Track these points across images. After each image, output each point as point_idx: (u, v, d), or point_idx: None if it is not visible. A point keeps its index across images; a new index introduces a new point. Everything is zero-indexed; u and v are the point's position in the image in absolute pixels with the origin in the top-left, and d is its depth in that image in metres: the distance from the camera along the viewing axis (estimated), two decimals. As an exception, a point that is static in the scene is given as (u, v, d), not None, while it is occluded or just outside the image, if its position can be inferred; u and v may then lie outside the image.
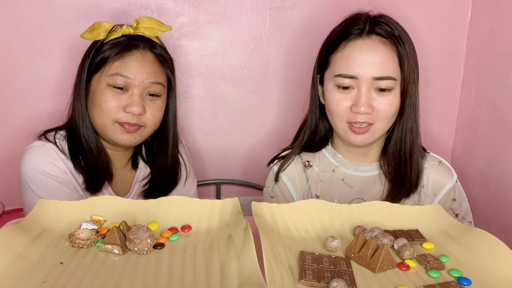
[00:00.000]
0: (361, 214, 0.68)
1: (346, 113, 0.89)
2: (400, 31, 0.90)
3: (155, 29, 0.96)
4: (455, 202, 0.96)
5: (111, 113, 0.91)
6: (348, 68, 0.87)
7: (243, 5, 1.30)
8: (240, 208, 0.64)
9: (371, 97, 0.87)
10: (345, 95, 0.89)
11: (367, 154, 0.98)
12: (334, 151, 1.00)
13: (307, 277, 0.51)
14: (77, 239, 0.57)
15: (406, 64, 0.88)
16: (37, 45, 1.23)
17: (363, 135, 0.89)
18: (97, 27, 0.93)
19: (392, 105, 0.88)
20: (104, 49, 0.92)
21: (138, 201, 0.66)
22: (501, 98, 1.22)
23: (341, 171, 0.98)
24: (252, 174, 1.43)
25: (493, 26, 1.27)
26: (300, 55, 1.35)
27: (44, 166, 0.92)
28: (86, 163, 0.95)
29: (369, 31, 0.89)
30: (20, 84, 1.25)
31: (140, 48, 0.93)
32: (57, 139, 0.96)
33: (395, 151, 0.94)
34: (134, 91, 0.91)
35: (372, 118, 0.88)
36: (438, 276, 0.54)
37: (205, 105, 1.36)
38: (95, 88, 0.92)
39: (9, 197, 1.31)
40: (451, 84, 1.43)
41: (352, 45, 0.89)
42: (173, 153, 1.05)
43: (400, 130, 0.92)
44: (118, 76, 0.90)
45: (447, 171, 0.97)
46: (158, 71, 0.95)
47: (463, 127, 1.42)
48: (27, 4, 1.21)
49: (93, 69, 0.93)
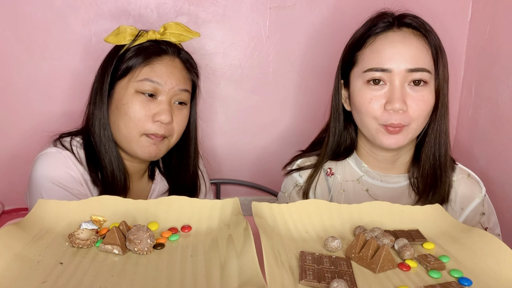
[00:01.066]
0: (361, 214, 0.68)
1: (379, 112, 0.82)
2: (430, 26, 0.86)
3: (183, 35, 0.93)
4: (483, 216, 0.91)
5: (139, 123, 0.87)
6: (379, 61, 0.82)
7: (243, 5, 1.30)
8: (240, 208, 0.64)
9: (405, 92, 0.81)
10: (376, 92, 0.82)
11: (395, 163, 0.91)
12: (360, 160, 0.94)
13: (307, 278, 0.51)
14: (77, 239, 0.57)
15: (440, 57, 0.84)
16: (37, 45, 1.23)
17: (397, 135, 0.83)
18: (123, 31, 0.90)
19: (427, 102, 0.83)
20: (130, 55, 0.88)
21: (138, 201, 0.66)
22: (501, 98, 1.22)
23: (366, 181, 0.92)
24: (252, 174, 1.43)
25: (493, 26, 1.27)
26: (300, 55, 1.35)
27: (60, 176, 0.87)
28: (103, 175, 0.90)
29: (398, 23, 0.85)
30: (20, 84, 1.25)
31: (169, 54, 0.91)
32: (74, 146, 0.91)
33: (430, 155, 0.87)
34: (162, 98, 0.88)
35: (406, 120, 0.82)
36: (439, 276, 0.54)
37: (205, 104, 1.36)
38: (121, 95, 0.88)
39: (9, 197, 1.31)
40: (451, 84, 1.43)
41: (382, 37, 0.84)
42: (194, 165, 1.01)
43: (434, 131, 0.87)
44: (148, 81, 0.87)
45: (476, 185, 0.92)
46: (186, 78, 0.93)
47: (463, 127, 1.42)
48: (27, 4, 1.20)
49: (118, 75, 0.89)
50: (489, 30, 1.29)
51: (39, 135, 1.30)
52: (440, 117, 0.87)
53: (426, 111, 0.84)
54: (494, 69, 1.25)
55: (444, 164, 0.88)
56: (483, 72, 1.31)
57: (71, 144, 0.91)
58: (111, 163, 0.90)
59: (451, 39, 1.39)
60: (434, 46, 0.85)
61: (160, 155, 0.92)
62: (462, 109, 1.43)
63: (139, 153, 0.89)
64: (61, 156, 0.89)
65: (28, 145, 1.29)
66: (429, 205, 0.70)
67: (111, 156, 0.90)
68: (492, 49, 1.27)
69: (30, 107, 1.27)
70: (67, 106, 1.28)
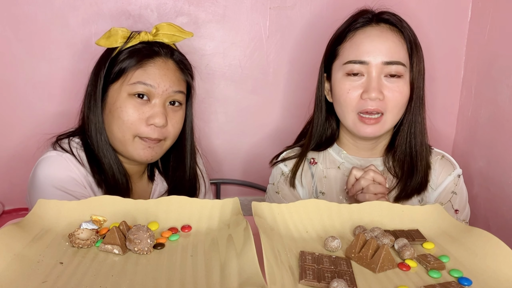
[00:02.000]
0: (361, 214, 0.68)
1: (355, 101, 0.88)
2: (407, 23, 0.91)
3: (175, 35, 0.92)
4: (454, 195, 0.95)
5: (132, 127, 0.86)
6: (357, 54, 0.87)
7: (243, 5, 1.30)
8: (240, 208, 0.64)
9: (381, 83, 0.87)
10: (354, 82, 0.88)
11: (374, 149, 0.97)
12: (339, 148, 0.99)
13: (307, 277, 0.51)
14: (77, 239, 0.57)
15: (415, 52, 0.89)
16: (37, 45, 1.23)
17: (373, 126, 0.88)
18: (114, 33, 0.88)
19: (402, 93, 0.88)
20: (123, 57, 0.87)
21: (138, 201, 0.66)
22: (501, 98, 1.22)
23: (346, 168, 0.97)
24: (252, 174, 1.43)
25: (493, 26, 1.27)
26: (300, 55, 1.35)
27: (62, 180, 0.86)
28: (106, 178, 0.90)
29: (377, 19, 0.90)
30: (20, 84, 1.25)
31: (162, 55, 0.89)
32: (73, 147, 0.90)
33: (403, 143, 0.93)
34: (156, 101, 0.87)
35: (383, 106, 0.87)
36: (439, 276, 0.54)
37: (205, 104, 1.36)
38: (114, 99, 0.87)
39: (9, 197, 1.31)
40: (451, 84, 1.43)
41: (361, 32, 0.89)
42: (191, 166, 1.00)
43: (408, 121, 0.92)
44: (141, 84, 0.86)
45: (449, 164, 0.97)
46: (180, 79, 0.92)
47: (463, 127, 1.42)
48: (27, 4, 1.21)
49: (111, 78, 0.88)
50: (489, 30, 1.29)
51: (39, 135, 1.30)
52: (414, 108, 0.91)
53: (401, 101, 0.88)
54: (494, 69, 1.25)
55: (420, 153, 0.93)
56: (483, 72, 1.31)
57: (70, 145, 0.90)
58: (111, 167, 0.90)
59: (451, 39, 1.40)
60: (409, 41, 0.90)
61: (156, 157, 0.91)
62: (462, 109, 1.43)
63: (135, 156, 0.89)
64: (62, 159, 0.88)
65: (28, 145, 1.29)
66: (429, 205, 0.70)
67: (110, 160, 0.90)
68: (492, 49, 1.27)
69: (30, 107, 1.27)
70: (67, 106, 1.28)
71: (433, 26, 1.38)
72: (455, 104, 1.45)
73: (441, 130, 1.46)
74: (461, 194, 0.96)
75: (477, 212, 1.31)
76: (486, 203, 1.28)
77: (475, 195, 1.32)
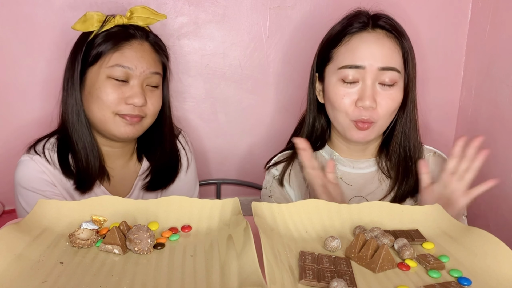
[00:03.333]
0: (361, 214, 0.68)
1: (350, 109, 0.88)
2: (402, 27, 0.91)
3: (149, 18, 0.95)
4: None
5: (112, 106, 0.89)
6: (353, 59, 0.87)
7: (243, 5, 1.30)
8: (240, 208, 0.64)
9: (375, 91, 0.87)
10: (349, 89, 0.88)
11: (365, 150, 0.98)
12: (331, 150, 1.00)
13: (307, 277, 0.51)
14: (77, 239, 0.57)
15: (410, 58, 0.90)
16: (37, 45, 1.23)
17: (365, 131, 0.89)
18: (90, 17, 0.91)
19: (395, 100, 0.89)
20: (99, 41, 0.89)
21: (138, 201, 0.66)
22: (501, 98, 1.22)
23: (339, 170, 0.98)
24: (252, 174, 1.43)
25: (493, 26, 1.27)
26: (300, 55, 1.35)
27: (32, 181, 0.91)
28: (77, 162, 0.92)
29: (373, 25, 0.90)
30: (19, 84, 1.25)
31: (137, 38, 0.92)
32: (46, 149, 0.94)
33: (398, 147, 0.94)
34: (134, 82, 0.90)
35: (374, 116, 0.88)
36: (438, 276, 0.54)
37: (205, 105, 1.36)
38: (93, 81, 0.90)
39: (9, 197, 1.31)
40: (451, 84, 1.44)
41: (357, 37, 0.89)
42: (171, 140, 1.04)
43: (402, 125, 0.93)
44: (119, 67, 0.88)
45: (441, 160, 0.98)
46: (156, 60, 0.94)
47: (463, 127, 1.42)
48: (27, 4, 1.21)
49: (89, 62, 0.90)
50: (489, 30, 1.29)
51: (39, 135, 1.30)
52: (408, 113, 0.93)
53: (393, 108, 0.90)
54: (494, 69, 1.25)
55: (413, 156, 0.94)
56: (483, 72, 1.31)
57: (44, 147, 0.94)
58: (85, 148, 0.92)
59: (451, 39, 1.40)
60: (404, 47, 0.90)
61: (137, 134, 0.94)
62: (462, 109, 1.43)
63: (116, 133, 0.91)
64: (32, 162, 0.92)
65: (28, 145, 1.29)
66: (429, 205, 0.70)
67: (85, 142, 0.92)
68: (492, 49, 1.27)
69: (30, 108, 1.27)
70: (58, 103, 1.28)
71: (433, 26, 1.38)
72: (455, 104, 1.45)
73: (441, 130, 1.47)
74: None
75: (477, 212, 1.31)
76: (486, 203, 1.28)
77: (475, 195, 1.32)
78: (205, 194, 1.44)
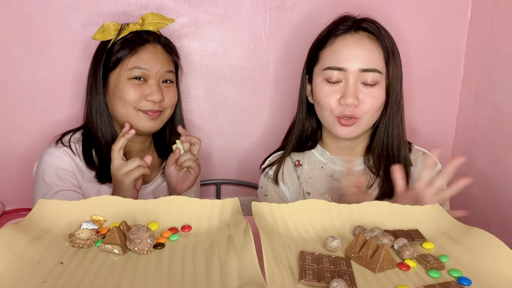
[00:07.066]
0: (361, 214, 0.68)
1: (334, 105, 0.92)
2: (385, 31, 0.94)
3: (159, 23, 1.05)
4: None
5: (133, 103, 0.98)
6: (336, 61, 0.92)
7: (243, 5, 1.30)
8: (240, 208, 0.64)
9: (358, 89, 0.91)
10: (333, 87, 0.92)
11: (354, 149, 1.01)
12: (322, 149, 1.04)
13: (307, 277, 0.51)
14: (77, 239, 0.57)
15: (391, 59, 0.92)
16: (37, 45, 1.24)
17: (349, 127, 0.92)
18: (107, 28, 1.00)
19: (377, 98, 0.92)
20: (117, 48, 1.00)
21: (138, 201, 0.66)
22: (501, 98, 1.22)
23: (330, 168, 1.02)
24: (252, 174, 1.43)
25: (493, 26, 1.27)
26: (300, 55, 1.34)
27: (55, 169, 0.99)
28: (100, 156, 1.02)
29: (356, 27, 0.94)
30: (19, 84, 1.25)
31: (151, 42, 1.02)
32: (72, 142, 1.03)
33: (381, 145, 0.97)
34: (152, 81, 1.00)
35: (358, 112, 0.91)
36: (438, 276, 0.54)
37: (205, 105, 1.36)
38: (115, 83, 1.00)
39: (9, 197, 1.31)
40: (451, 84, 1.44)
41: (340, 39, 0.93)
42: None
43: (385, 125, 0.96)
44: (137, 69, 0.98)
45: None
46: (168, 60, 1.05)
47: (463, 127, 1.42)
48: (27, 4, 1.21)
49: (110, 67, 1.00)
50: (488, 31, 1.29)
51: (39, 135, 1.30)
52: (391, 113, 0.95)
53: (376, 106, 0.92)
54: (494, 69, 1.26)
55: (397, 155, 0.97)
56: (483, 72, 1.31)
57: (70, 140, 1.03)
58: (108, 144, 1.01)
59: (451, 39, 1.40)
60: (386, 49, 0.93)
61: (158, 127, 1.04)
62: (462, 109, 1.43)
63: (140, 127, 1.00)
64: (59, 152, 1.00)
65: (28, 145, 1.29)
66: (428, 205, 0.70)
67: (107, 138, 1.02)
68: (492, 49, 1.27)
69: (30, 108, 1.27)
70: (67, 107, 1.28)
71: (433, 27, 1.38)
72: (455, 105, 1.45)
73: (441, 131, 1.47)
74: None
75: (477, 212, 1.31)
76: (486, 203, 1.28)
77: (475, 195, 1.32)
78: (205, 194, 1.44)
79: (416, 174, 0.98)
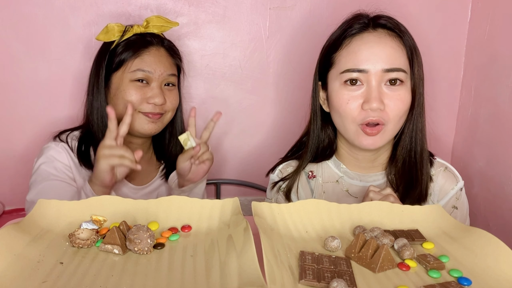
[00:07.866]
0: (361, 214, 0.68)
1: (356, 112, 0.83)
2: (404, 27, 0.87)
3: (164, 26, 1.05)
4: (456, 210, 0.91)
5: (135, 105, 0.98)
6: (355, 62, 0.83)
7: (243, 5, 1.30)
8: (240, 208, 0.64)
9: (382, 92, 0.83)
10: (354, 92, 0.83)
11: (374, 162, 0.93)
12: (338, 161, 0.96)
13: (307, 277, 0.51)
14: (77, 239, 0.57)
15: (415, 58, 0.85)
16: (37, 45, 1.24)
17: (374, 137, 0.84)
18: (111, 29, 1.01)
19: (404, 101, 0.84)
20: (121, 50, 1.00)
21: (138, 201, 0.66)
22: (501, 98, 1.22)
23: (345, 182, 0.94)
24: (252, 174, 1.43)
25: (493, 26, 1.27)
26: (300, 55, 1.35)
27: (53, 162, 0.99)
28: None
29: (373, 24, 0.86)
30: (19, 85, 1.25)
31: (154, 44, 1.02)
32: (70, 138, 1.03)
33: (405, 152, 0.89)
34: (154, 84, 1.00)
35: (384, 117, 0.83)
36: (438, 276, 0.54)
37: (205, 105, 1.36)
38: (117, 84, 1.00)
39: (9, 197, 1.31)
40: (451, 84, 1.44)
41: (358, 39, 0.85)
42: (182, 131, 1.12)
43: (410, 129, 0.88)
44: (140, 71, 0.99)
45: (452, 177, 0.92)
46: (171, 63, 1.05)
47: (463, 127, 1.42)
48: (27, 4, 1.21)
49: (112, 68, 1.00)
50: (488, 31, 1.29)
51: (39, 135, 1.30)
52: (416, 116, 0.88)
53: (403, 109, 0.85)
54: (494, 69, 1.25)
55: (419, 162, 0.89)
56: (483, 72, 1.31)
57: (67, 137, 1.04)
58: None
59: (451, 39, 1.40)
60: (409, 46, 0.86)
61: (158, 130, 1.04)
62: (462, 109, 1.43)
63: (140, 130, 1.01)
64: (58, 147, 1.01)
65: (28, 145, 1.29)
66: (428, 205, 0.70)
67: None
68: (492, 49, 1.27)
69: (30, 108, 1.27)
70: (67, 107, 1.28)
71: (433, 26, 1.38)
72: (454, 104, 1.45)
73: (441, 130, 1.46)
74: (462, 208, 0.92)
75: (477, 212, 1.31)
76: (486, 203, 1.28)
77: (475, 195, 1.32)
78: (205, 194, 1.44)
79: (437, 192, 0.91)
